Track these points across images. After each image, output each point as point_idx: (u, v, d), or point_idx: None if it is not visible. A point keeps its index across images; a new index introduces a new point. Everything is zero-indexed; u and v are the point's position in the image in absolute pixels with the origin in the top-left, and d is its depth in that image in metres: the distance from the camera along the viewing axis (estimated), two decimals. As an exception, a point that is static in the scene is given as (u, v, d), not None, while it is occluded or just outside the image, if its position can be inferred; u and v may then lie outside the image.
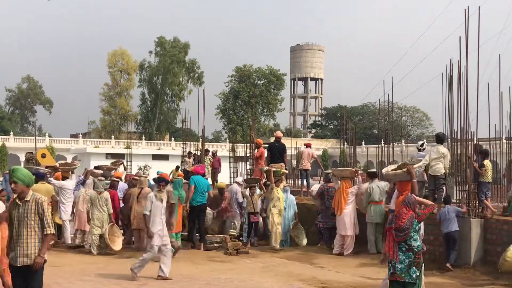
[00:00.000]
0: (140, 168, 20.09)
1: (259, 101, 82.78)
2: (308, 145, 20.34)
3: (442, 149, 13.47)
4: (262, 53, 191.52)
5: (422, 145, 15.08)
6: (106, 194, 13.97)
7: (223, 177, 22.57)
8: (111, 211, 13.89)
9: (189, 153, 22.62)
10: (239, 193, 16.16)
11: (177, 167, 21.00)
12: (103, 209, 13.72)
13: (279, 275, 11.56)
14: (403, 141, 46.20)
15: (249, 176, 18.54)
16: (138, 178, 15.49)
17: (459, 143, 13.74)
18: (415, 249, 7.89)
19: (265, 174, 16.80)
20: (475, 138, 14.60)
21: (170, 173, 18.49)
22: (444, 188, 13.49)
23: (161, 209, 11.07)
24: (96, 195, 13.84)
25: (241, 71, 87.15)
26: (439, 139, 13.72)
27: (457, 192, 13.56)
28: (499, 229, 12.10)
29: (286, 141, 18.77)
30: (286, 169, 17.63)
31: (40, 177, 14.04)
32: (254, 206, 15.29)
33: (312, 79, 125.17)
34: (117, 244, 13.83)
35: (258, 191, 15.79)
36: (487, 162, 13.24)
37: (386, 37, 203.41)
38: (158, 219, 11.00)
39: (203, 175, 15.77)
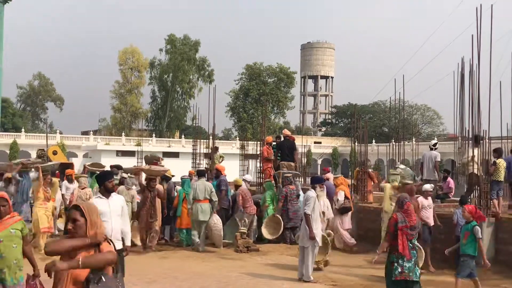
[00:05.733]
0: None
1: (269, 99, 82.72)
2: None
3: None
4: (272, 51, 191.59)
5: (434, 144, 15.00)
6: (133, 192, 14.30)
7: (233, 175, 22.54)
8: (136, 208, 14.07)
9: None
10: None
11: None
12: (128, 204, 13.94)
13: (289, 273, 11.55)
14: (413, 139, 45.96)
15: (262, 175, 18.51)
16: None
17: (470, 141, 13.69)
18: (417, 248, 7.97)
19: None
20: (486, 137, 14.52)
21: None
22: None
23: (320, 209, 11.13)
24: (125, 191, 14.09)
25: (251, 69, 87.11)
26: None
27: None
28: (511, 228, 12.03)
29: (296, 139, 18.74)
30: (296, 167, 17.61)
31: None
32: None
33: (322, 77, 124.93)
34: (138, 240, 14.07)
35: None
36: (499, 161, 13.15)
37: (397, 35, 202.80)
38: (319, 219, 11.08)
39: None
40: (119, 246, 7.32)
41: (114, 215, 7.48)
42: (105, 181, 7.72)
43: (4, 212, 6.29)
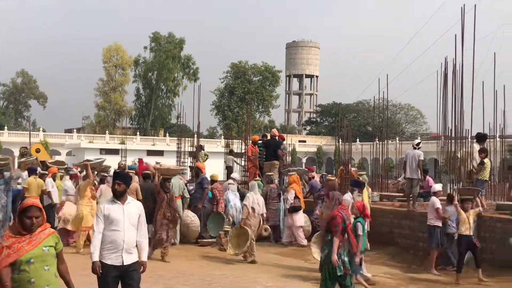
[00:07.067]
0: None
1: (254, 97, 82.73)
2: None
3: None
4: (257, 50, 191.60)
5: (418, 144, 15.07)
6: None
7: (219, 174, 22.52)
8: None
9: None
10: (230, 189, 16.07)
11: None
12: None
13: (273, 271, 11.58)
14: (397, 138, 46.23)
15: (246, 173, 18.51)
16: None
17: (453, 140, 13.80)
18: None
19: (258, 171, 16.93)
20: (469, 136, 14.67)
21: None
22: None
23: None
24: (109, 189, 13.84)
25: (236, 67, 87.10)
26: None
27: (451, 189, 13.61)
28: (493, 226, 12.14)
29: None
30: (280, 166, 17.68)
31: (33, 171, 14.53)
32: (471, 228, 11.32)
33: (307, 76, 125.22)
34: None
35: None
36: (487, 161, 13.26)
37: (381, 35, 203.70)
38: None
39: None
40: (130, 260, 6.25)
41: (128, 224, 6.25)
42: (113, 183, 6.47)
43: (36, 225, 4.99)
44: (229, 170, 20.09)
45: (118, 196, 6.38)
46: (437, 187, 12.76)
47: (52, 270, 5.03)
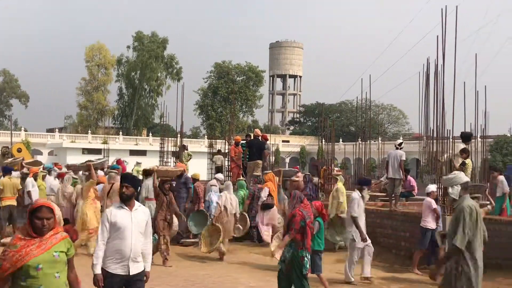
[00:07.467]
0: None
1: (238, 97, 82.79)
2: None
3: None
4: (241, 50, 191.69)
5: (400, 144, 15.17)
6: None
7: (202, 174, 22.51)
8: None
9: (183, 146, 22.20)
10: (213, 190, 16.04)
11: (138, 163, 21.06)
12: None
13: (256, 271, 11.61)
14: (379, 138, 46.52)
15: (230, 173, 18.52)
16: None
17: (435, 141, 13.91)
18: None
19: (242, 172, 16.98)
20: (450, 136, 14.78)
21: (132, 170, 18.62)
22: None
23: (363, 210, 10.92)
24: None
25: (220, 67, 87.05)
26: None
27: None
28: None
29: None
30: (264, 166, 17.71)
31: (8, 171, 14.52)
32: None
33: (290, 76, 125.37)
34: None
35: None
36: (468, 161, 13.37)
37: (365, 35, 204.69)
38: (363, 220, 10.89)
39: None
40: (136, 269, 5.93)
41: (136, 232, 5.88)
42: (121, 186, 6.08)
43: (47, 228, 4.63)
44: (218, 170, 20.04)
45: (126, 200, 5.97)
46: (432, 187, 12.56)
47: (63, 277, 4.71)
